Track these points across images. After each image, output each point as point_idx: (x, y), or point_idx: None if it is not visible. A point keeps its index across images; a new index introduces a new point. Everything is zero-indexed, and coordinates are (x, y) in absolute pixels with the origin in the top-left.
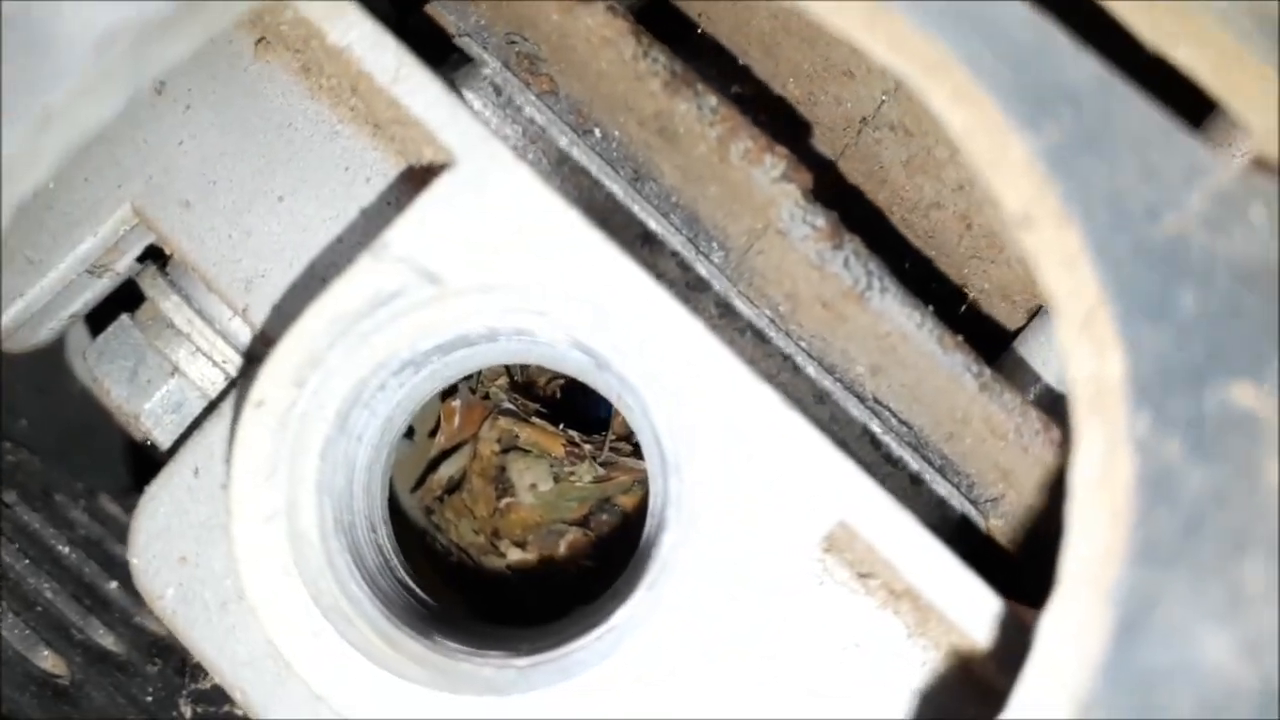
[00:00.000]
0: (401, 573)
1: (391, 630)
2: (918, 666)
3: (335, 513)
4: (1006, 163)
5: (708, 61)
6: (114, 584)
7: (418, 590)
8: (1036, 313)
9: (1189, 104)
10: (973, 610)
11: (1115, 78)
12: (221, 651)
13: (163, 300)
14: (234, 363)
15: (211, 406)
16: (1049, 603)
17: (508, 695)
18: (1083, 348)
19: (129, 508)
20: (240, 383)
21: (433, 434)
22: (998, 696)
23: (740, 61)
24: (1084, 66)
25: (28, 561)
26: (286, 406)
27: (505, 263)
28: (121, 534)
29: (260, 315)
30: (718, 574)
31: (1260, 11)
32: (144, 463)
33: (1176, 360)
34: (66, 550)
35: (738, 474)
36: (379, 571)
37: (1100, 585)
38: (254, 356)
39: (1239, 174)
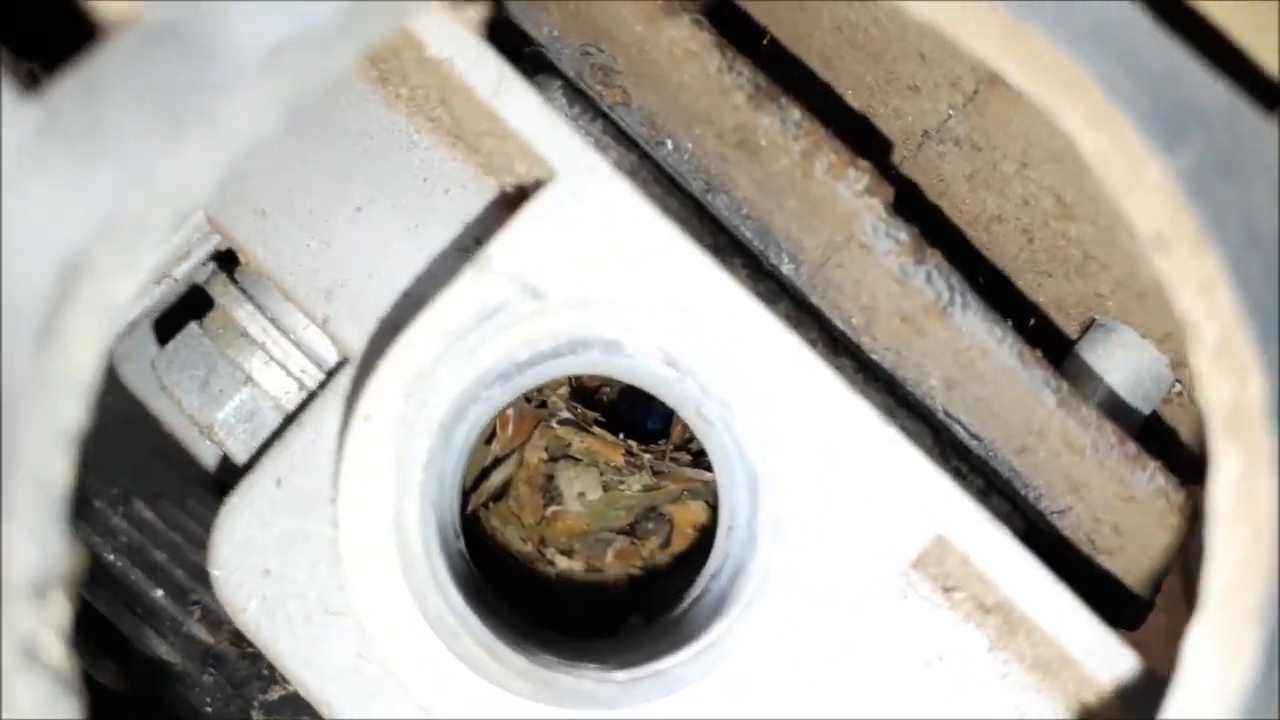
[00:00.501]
0: (482, 582)
1: (493, 642)
2: (998, 679)
3: (439, 524)
4: (1142, 185)
5: (763, 71)
6: (160, 592)
7: (494, 598)
8: (1089, 325)
9: None
10: (1068, 624)
11: (1243, 101)
12: (308, 665)
13: (235, 309)
14: (310, 373)
15: (290, 417)
16: (1194, 622)
17: (609, 709)
18: (1219, 371)
19: (162, 514)
20: (321, 393)
21: (489, 441)
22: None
23: (797, 74)
24: (1215, 91)
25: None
26: (394, 420)
27: (603, 276)
28: (158, 540)
29: (341, 325)
30: (812, 592)
31: None
32: (172, 466)
33: None
34: (112, 559)
35: (832, 490)
36: (468, 581)
37: (1246, 604)
38: (335, 368)
39: None
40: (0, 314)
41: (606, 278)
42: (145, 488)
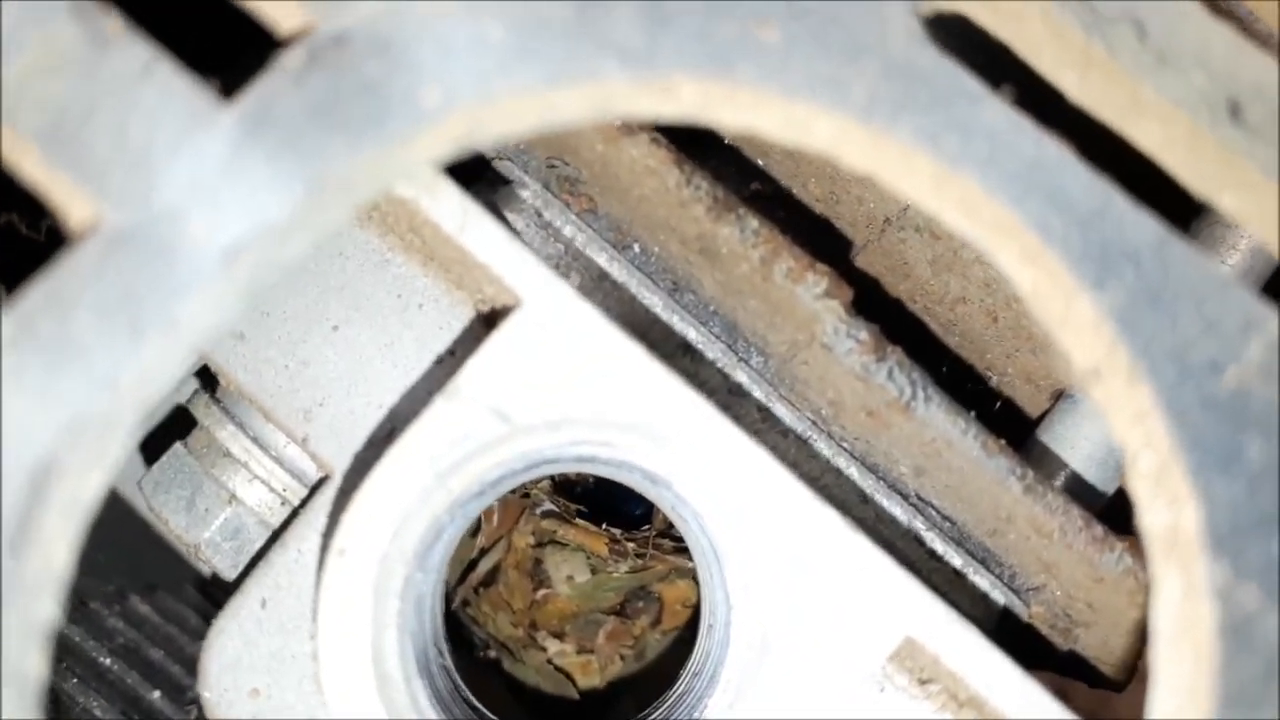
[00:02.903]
0: (468, 693)
1: None
2: None
3: (416, 652)
4: (1075, 321)
5: (726, 159)
6: (156, 693)
7: (486, 712)
8: (1059, 396)
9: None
10: (1036, 714)
11: (1171, 234)
12: None
13: (218, 429)
14: (293, 489)
15: (274, 536)
16: None
17: None
18: (1157, 499)
19: (157, 606)
20: (302, 512)
21: (474, 534)
22: None
23: (760, 162)
24: (1143, 226)
25: (75, 680)
26: (370, 553)
27: (572, 397)
28: (154, 636)
29: (321, 444)
30: (789, 691)
31: None
32: (165, 553)
33: (1249, 509)
34: (109, 662)
35: (805, 595)
36: (451, 697)
37: None
38: (317, 484)
39: None
40: None
41: (575, 399)
42: (139, 579)
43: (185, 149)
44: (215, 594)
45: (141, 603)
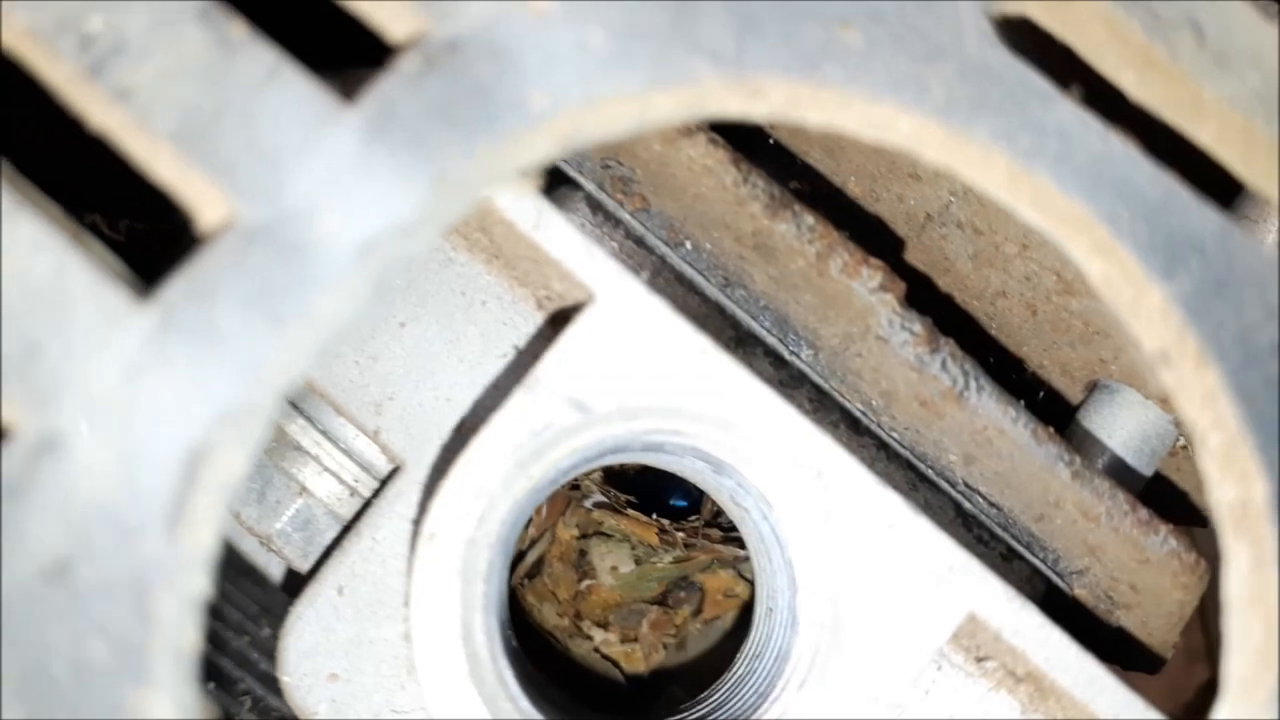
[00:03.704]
0: (534, 673)
1: None
2: None
3: (502, 630)
4: (1144, 308)
5: (767, 158)
6: (211, 684)
7: (549, 688)
8: (1094, 387)
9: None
10: (1094, 690)
11: (1232, 224)
12: None
13: (288, 423)
14: (363, 481)
15: (347, 526)
16: (1216, 704)
17: None
18: (1227, 476)
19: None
20: (376, 502)
21: (526, 526)
22: None
23: (800, 161)
24: (1206, 217)
25: None
26: (457, 537)
27: (644, 387)
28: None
29: (391, 436)
30: (855, 671)
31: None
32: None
33: None
34: None
35: (869, 575)
36: (527, 678)
37: (1260, 691)
38: (388, 476)
39: None
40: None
41: (647, 389)
42: None
43: (314, 148)
44: (259, 593)
45: None
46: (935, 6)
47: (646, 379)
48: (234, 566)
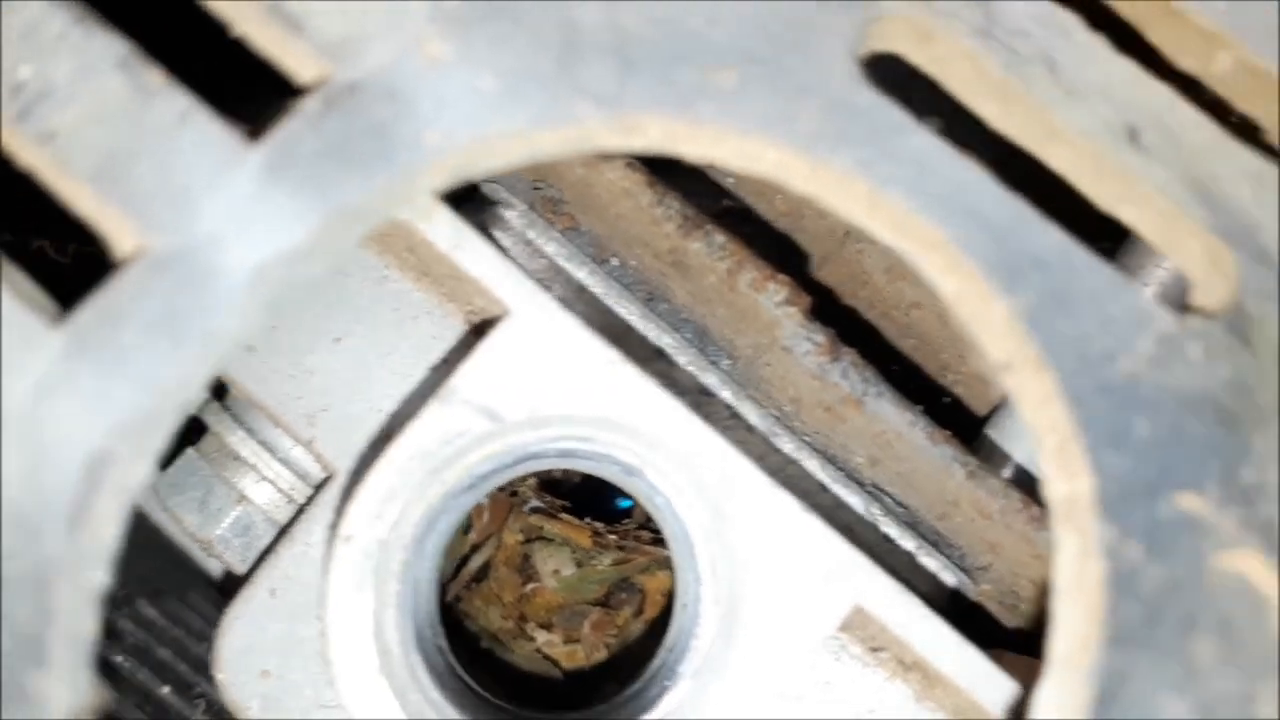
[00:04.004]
0: (461, 670)
1: None
2: None
3: (415, 627)
4: (989, 321)
5: (700, 178)
6: (166, 688)
7: (475, 687)
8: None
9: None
10: (975, 676)
11: (1075, 244)
12: None
13: (228, 434)
14: (299, 488)
15: (282, 531)
16: (1040, 681)
17: None
18: (1059, 473)
19: (164, 610)
20: (308, 508)
21: (466, 531)
22: None
23: (730, 180)
24: (1050, 236)
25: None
26: (371, 539)
27: (554, 398)
28: (162, 637)
29: (325, 446)
30: (755, 661)
31: (1189, 178)
32: (170, 562)
33: (1135, 479)
34: (120, 660)
35: (763, 570)
36: (446, 673)
37: (1080, 667)
38: (321, 484)
39: (1178, 318)
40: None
41: (557, 399)
42: (147, 585)
43: (219, 186)
44: (217, 598)
45: (149, 607)
46: (804, 48)
47: (557, 389)
48: (194, 576)
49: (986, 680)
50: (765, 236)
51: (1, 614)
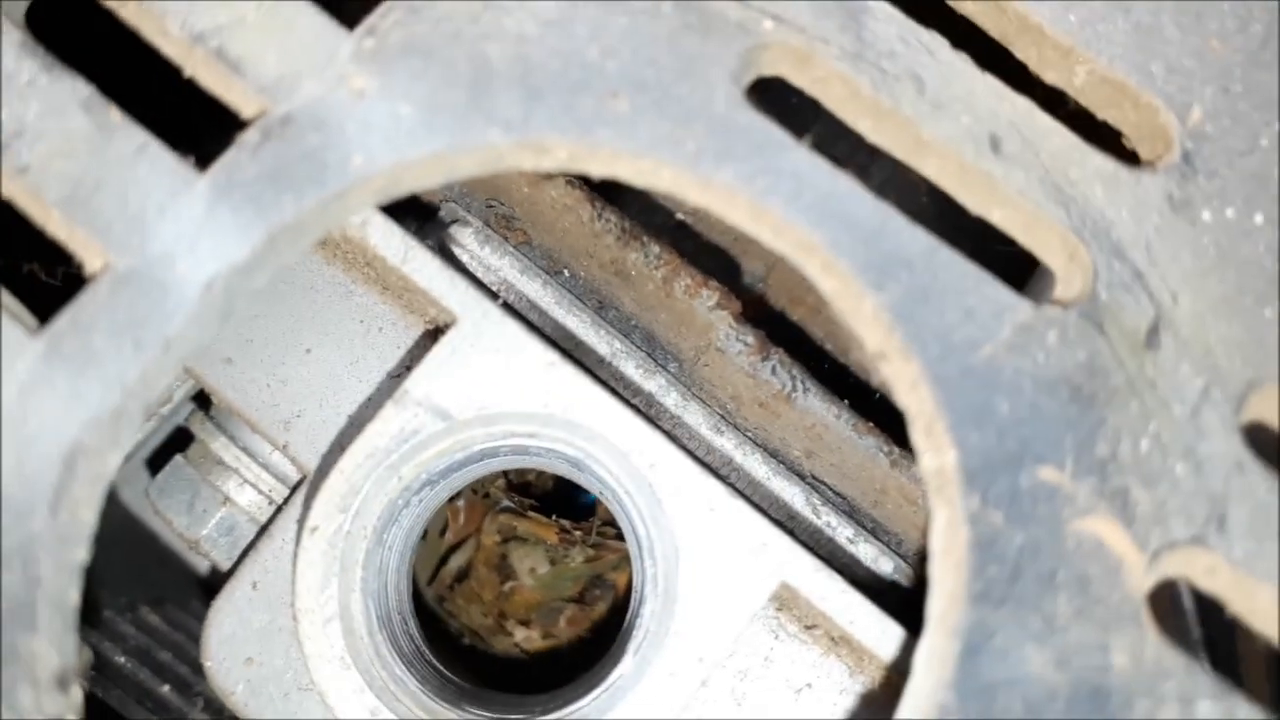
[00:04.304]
0: (430, 655)
1: (431, 703)
2: (861, 699)
3: (378, 611)
4: (862, 315)
5: (651, 196)
6: (166, 687)
7: (444, 670)
8: None
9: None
10: (895, 648)
11: (939, 243)
12: None
13: (212, 441)
14: (278, 490)
15: (262, 529)
16: (921, 639)
17: None
18: (928, 448)
19: (165, 616)
20: (285, 508)
21: (442, 533)
22: None
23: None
24: (916, 237)
25: (94, 675)
26: (335, 529)
27: (501, 396)
28: (163, 640)
29: (299, 449)
30: (690, 636)
31: (1048, 181)
32: (172, 572)
33: (997, 453)
34: (123, 660)
35: (698, 553)
36: (414, 656)
37: (949, 623)
38: (296, 485)
39: (1035, 308)
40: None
41: (505, 397)
42: (149, 593)
43: (171, 210)
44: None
45: (150, 613)
46: (691, 76)
47: (503, 390)
48: (198, 586)
49: (904, 649)
50: (711, 249)
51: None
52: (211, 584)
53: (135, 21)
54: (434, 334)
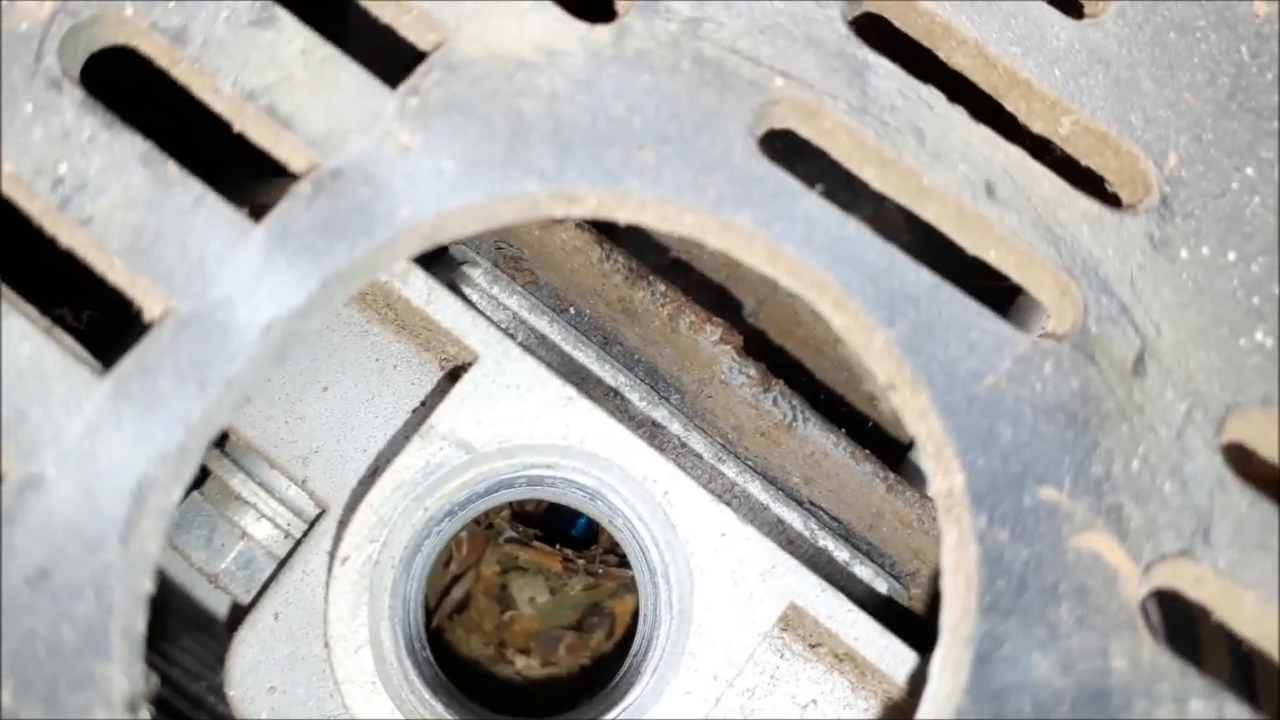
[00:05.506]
0: (445, 679)
1: None
2: (864, 715)
3: (406, 639)
4: (873, 349)
5: (647, 234)
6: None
7: (459, 694)
8: None
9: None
10: (896, 664)
11: (942, 281)
12: None
13: (229, 477)
14: (295, 524)
15: (282, 562)
16: (936, 649)
17: None
18: (937, 472)
19: (163, 653)
20: (305, 540)
21: (446, 564)
22: None
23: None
24: (920, 276)
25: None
26: (365, 559)
27: (521, 429)
28: (164, 678)
29: (317, 484)
30: (705, 656)
31: (1040, 224)
32: (171, 614)
33: (1001, 475)
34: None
35: (711, 576)
36: (433, 681)
37: (962, 633)
38: (315, 519)
39: (1033, 341)
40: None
41: (524, 432)
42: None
43: (230, 258)
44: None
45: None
46: (710, 129)
47: (523, 423)
48: (193, 622)
49: (907, 665)
50: (706, 285)
51: (68, 616)
52: (210, 622)
53: (187, 80)
54: (452, 373)
